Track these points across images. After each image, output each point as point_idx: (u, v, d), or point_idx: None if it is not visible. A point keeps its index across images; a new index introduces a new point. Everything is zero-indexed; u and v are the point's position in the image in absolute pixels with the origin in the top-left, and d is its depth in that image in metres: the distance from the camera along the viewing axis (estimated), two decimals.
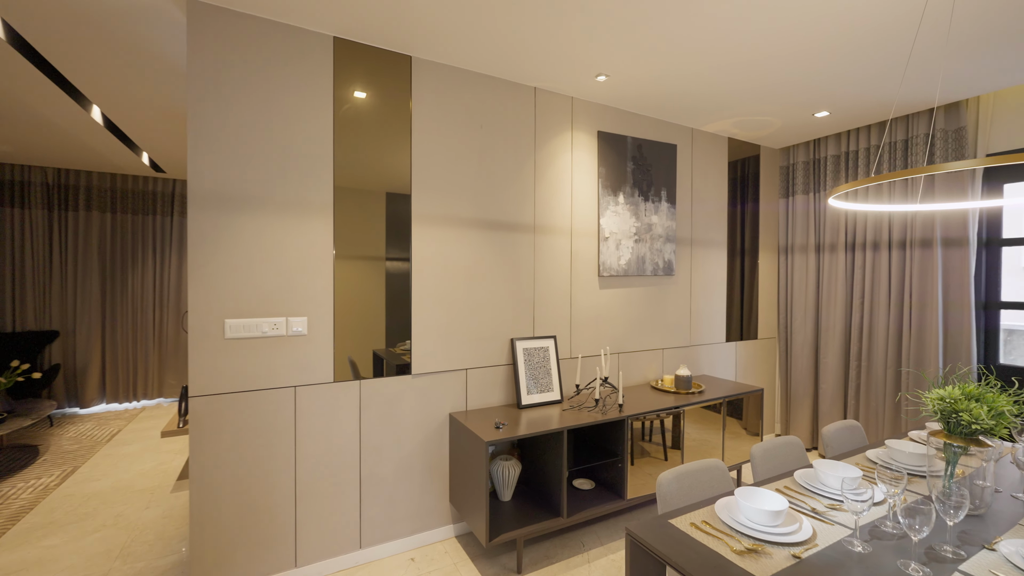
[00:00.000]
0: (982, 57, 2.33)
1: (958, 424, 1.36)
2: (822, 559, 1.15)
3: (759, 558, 1.14)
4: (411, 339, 2.34)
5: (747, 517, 1.28)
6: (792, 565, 1.12)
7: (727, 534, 1.25)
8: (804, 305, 3.73)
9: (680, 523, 1.32)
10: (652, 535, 1.25)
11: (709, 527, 1.29)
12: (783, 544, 1.19)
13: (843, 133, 3.46)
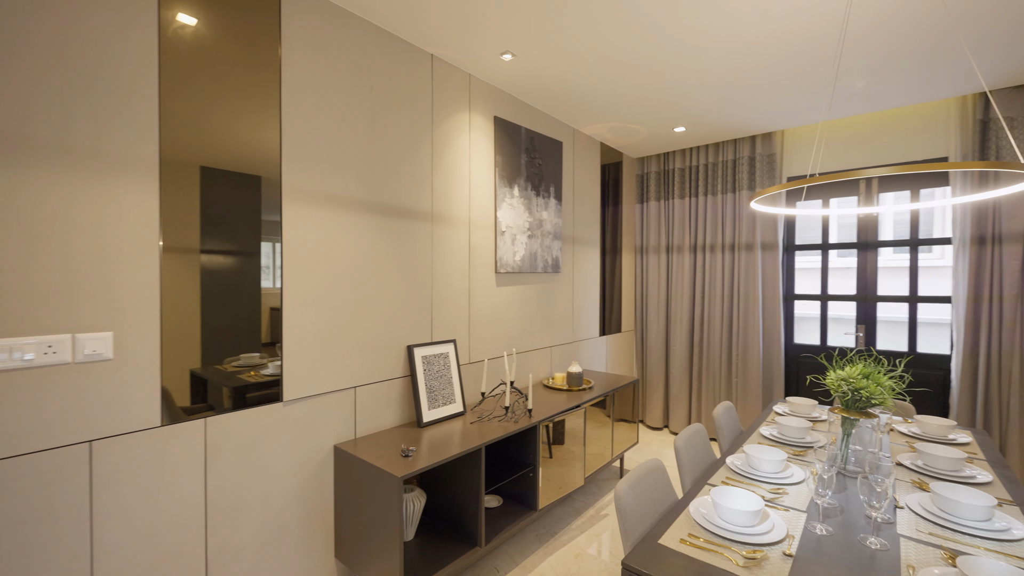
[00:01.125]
0: (782, 100, 2.87)
1: (856, 400, 1.56)
2: (808, 551, 1.15)
3: (762, 564, 1.09)
4: (282, 355, 1.76)
5: (728, 520, 1.23)
6: (793, 565, 1.09)
7: (719, 544, 1.17)
8: (657, 300, 4.17)
9: (670, 542, 1.20)
10: (654, 566, 1.10)
11: (699, 539, 1.19)
12: (772, 544, 1.17)
13: (687, 149, 3.97)
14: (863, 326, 3.41)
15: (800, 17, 2.01)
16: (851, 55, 2.35)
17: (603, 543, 2.39)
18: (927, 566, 1.08)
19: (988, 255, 2.81)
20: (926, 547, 1.16)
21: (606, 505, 2.77)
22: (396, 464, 1.73)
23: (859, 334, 3.42)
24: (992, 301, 2.80)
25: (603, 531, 2.49)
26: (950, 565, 1.08)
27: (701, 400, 3.92)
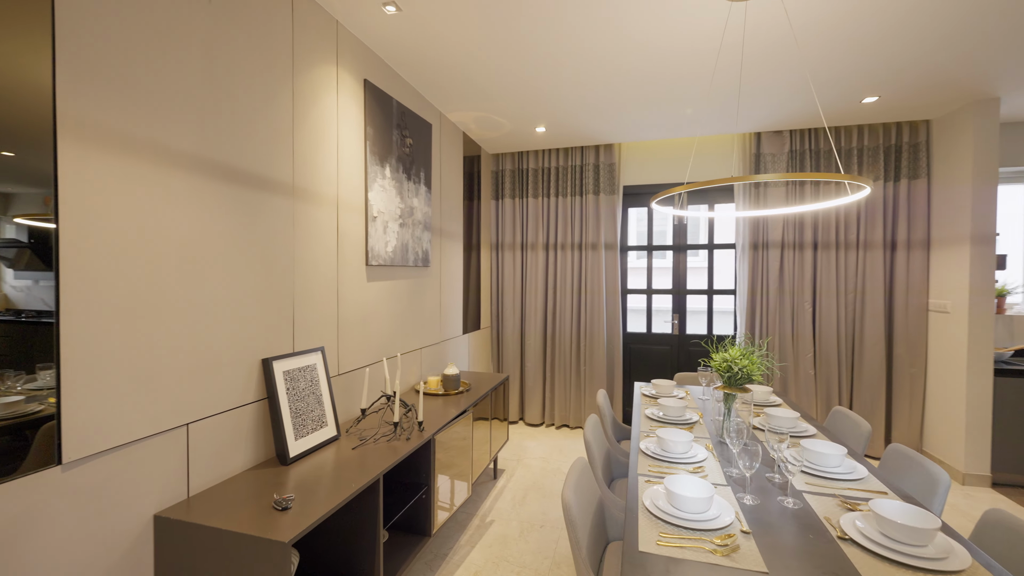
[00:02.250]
0: (628, 116, 3.25)
1: (737, 377, 1.79)
2: (757, 524, 1.23)
3: (735, 548, 1.11)
4: (59, 392, 1.09)
5: (688, 509, 1.23)
6: (757, 541, 1.14)
7: (691, 537, 1.16)
8: (512, 296, 4.24)
9: (648, 547, 1.13)
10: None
11: (671, 537, 1.16)
12: (728, 525, 1.21)
13: (541, 151, 4.13)
14: (677, 315, 4.10)
15: (669, 52, 2.23)
16: (685, 89, 2.74)
17: (501, 557, 2.25)
18: (837, 515, 1.27)
19: (760, 258, 3.68)
20: (823, 498, 1.38)
21: (488, 512, 2.64)
22: (271, 523, 1.26)
23: (674, 321, 4.10)
24: (762, 293, 3.68)
25: (494, 542, 2.35)
26: (848, 509, 1.30)
27: (554, 390, 4.14)
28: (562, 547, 2.29)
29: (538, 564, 2.16)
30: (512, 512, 2.63)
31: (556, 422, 4.11)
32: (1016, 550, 1.15)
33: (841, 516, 1.24)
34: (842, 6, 1.95)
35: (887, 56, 2.39)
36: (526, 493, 2.86)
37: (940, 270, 3.27)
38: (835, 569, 1.03)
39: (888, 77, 2.64)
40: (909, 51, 2.34)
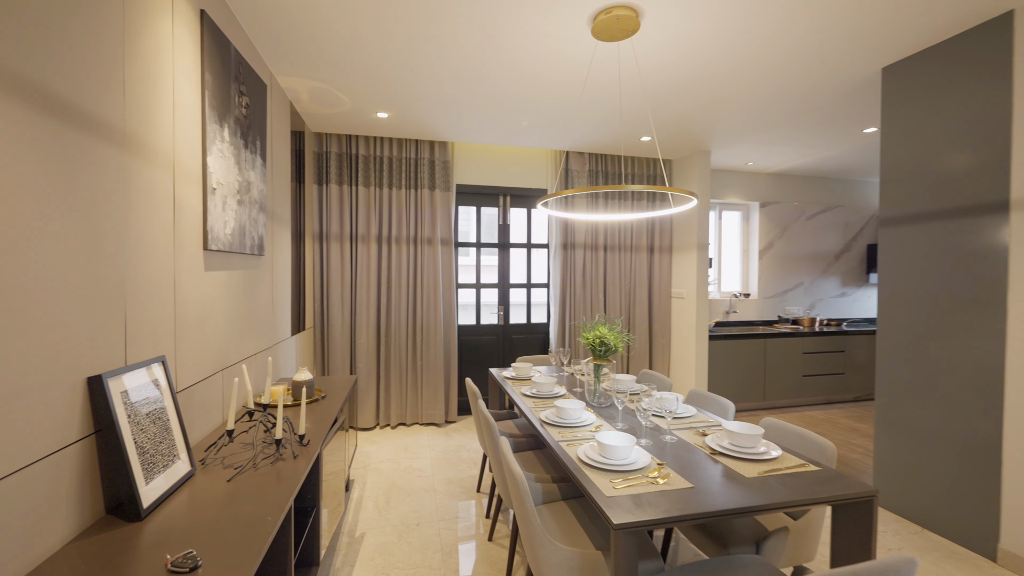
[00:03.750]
0: (462, 116, 3.48)
1: (604, 350, 2.17)
2: (662, 457, 1.56)
3: (667, 475, 1.40)
4: None
5: (621, 457, 1.48)
6: (674, 469, 1.46)
7: (635, 478, 1.40)
8: (341, 292, 3.87)
9: (611, 492, 1.31)
10: (639, 512, 1.19)
11: (620, 481, 1.37)
12: (650, 463, 1.50)
13: (373, 138, 3.90)
14: (502, 307, 4.50)
15: (529, 69, 2.50)
16: (529, 104, 3.10)
17: (389, 566, 2.10)
18: (699, 440, 1.72)
19: (568, 256, 4.39)
20: (684, 431, 1.83)
21: (354, 526, 2.41)
22: None
23: (500, 312, 4.49)
24: (570, 286, 4.39)
25: (374, 554, 2.18)
26: (703, 435, 1.77)
27: (390, 389, 3.97)
28: (446, 537, 2.29)
29: (430, 560, 2.11)
30: (381, 519, 2.46)
31: (392, 422, 3.96)
32: (786, 438, 1.80)
33: (704, 439, 1.70)
34: (648, 72, 2.58)
35: (661, 111, 3.24)
36: (388, 497, 2.71)
37: (679, 269, 4.57)
38: (720, 470, 1.43)
39: (658, 125, 3.57)
40: (673, 112, 3.23)
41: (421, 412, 4.03)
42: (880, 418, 2.64)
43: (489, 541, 2.27)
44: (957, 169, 2.28)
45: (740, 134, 3.82)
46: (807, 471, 1.46)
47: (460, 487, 2.84)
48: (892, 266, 2.59)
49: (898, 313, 2.55)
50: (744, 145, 4.14)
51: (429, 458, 3.31)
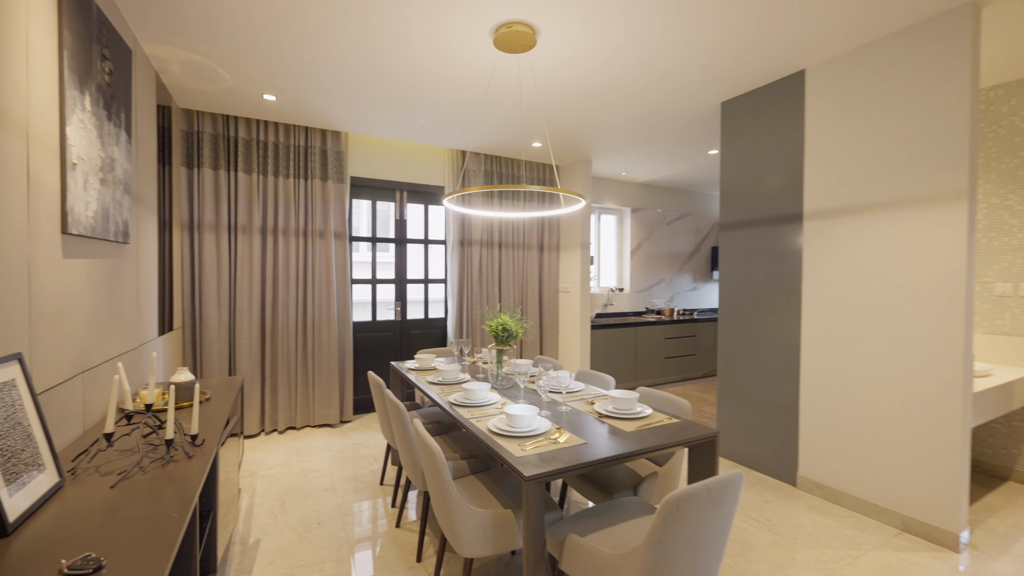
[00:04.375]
0: (359, 107, 3.46)
1: (506, 336, 2.36)
2: (559, 422, 1.79)
3: (565, 434, 1.62)
4: None
5: (529, 424, 1.67)
6: (568, 430, 1.69)
7: (541, 438, 1.60)
8: (217, 287, 3.51)
9: (520, 454, 1.49)
10: (549, 463, 1.38)
11: (530, 442, 1.56)
12: (550, 428, 1.72)
13: (255, 120, 3.61)
14: (399, 303, 4.48)
15: (431, 67, 2.59)
16: (431, 101, 3.19)
17: (294, 564, 2.03)
18: (589, 408, 2.00)
19: (465, 253, 4.54)
20: (576, 402, 2.10)
21: (247, 533, 2.26)
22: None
23: (397, 308, 4.47)
24: (467, 282, 4.55)
25: (274, 557, 2.09)
26: (591, 403, 2.06)
27: (277, 391, 3.71)
28: (352, 531, 2.28)
29: (338, 552, 2.10)
30: (277, 523, 2.35)
31: (280, 426, 3.71)
32: (654, 401, 2.17)
33: (592, 407, 1.98)
34: (543, 84, 2.86)
35: (553, 121, 3.57)
36: (283, 501, 2.58)
37: (565, 266, 5.01)
38: (606, 428, 1.70)
39: (549, 134, 3.91)
40: (562, 122, 3.59)
41: (313, 413, 3.84)
42: (721, 387, 3.27)
43: (397, 527, 2.31)
44: (772, 187, 2.94)
45: (616, 147, 4.35)
46: (671, 423, 1.80)
47: (362, 483, 2.82)
48: (729, 264, 3.22)
49: (733, 302, 3.19)
50: (619, 157, 4.70)
51: (325, 459, 3.19)
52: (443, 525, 1.62)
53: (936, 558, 2.07)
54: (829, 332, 2.61)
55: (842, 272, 2.56)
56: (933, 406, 2.19)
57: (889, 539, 2.23)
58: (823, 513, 2.46)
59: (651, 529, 1.20)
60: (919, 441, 2.24)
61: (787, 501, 2.60)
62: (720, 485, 1.24)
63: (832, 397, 2.59)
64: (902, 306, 2.31)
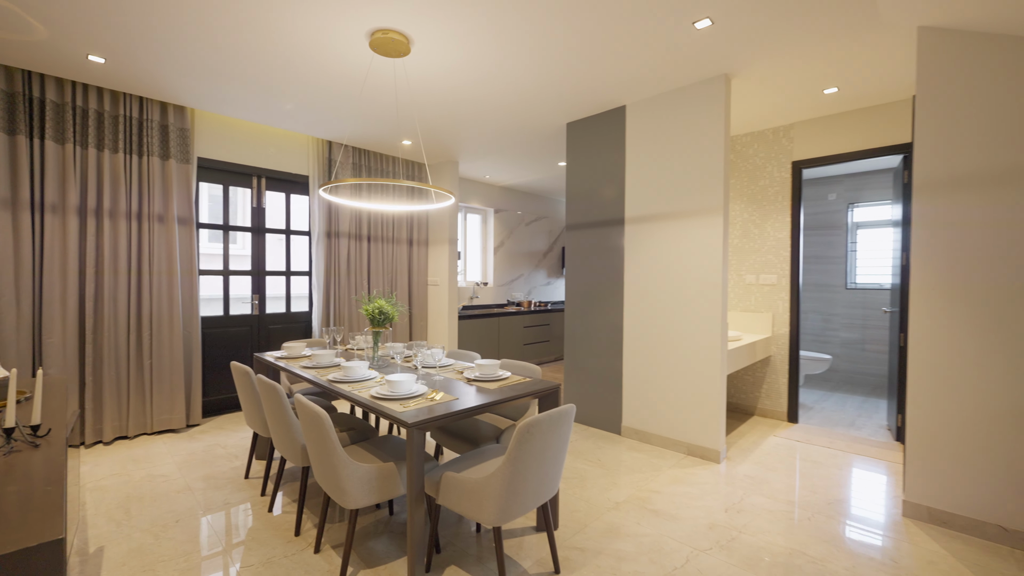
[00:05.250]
0: (210, 83, 3.30)
1: (383, 318, 2.55)
2: (433, 386, 2.07)
3: (440, 392, 1.90)
4: None
5: (404, 389, 1.91)
6: (440, 390, 1.98)
7: (418, 402, 1.85)
8: (16, 277, 2.94)
9: (399, 408, 1.73)
10: (416, 418, 1.64)
11: (410, 403, 1.81)
12: (427, 391, 1.98)
13: (69, 81, 3.09)
14: (257, 296, 4.23)
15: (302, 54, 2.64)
16: (293, 87, 3.17)
17: (154, 561, 1.93)
18: (458, 376, 2.32)
19: (333, 245, 4.49)
20: (445, 372, 2.40)
21: (85, 544, 2.05)
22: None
23: (255, 302, 4.21)
24: (335, 275, 4.51)
25: (126, 559, 1.96)
26: (460, 373, 2.38)
27: (103, 397, 3.23)
28: (218, 523, 2.23)
29: (206, 542, 2.05)
30: (124, 528, 2.17)
31: (107, 436, 3.24)
32: (512, 367, 2.59)
33: (462, 375, 2.31)
34: (417, 88, 3.10)
35: (424, 122, 3.82)
36: (126, 508, 2.36)
37: (434, 260, 5.27)
38: (474, 389, 2.05)
39: (422, 131, 4.14)
40: (433, 124, 3.86)
41: (151, 420, 3.43)
42: (567, 364, 3.90)
43: (270, 512, 2.32)
44: (605, 197, 3.63)
45: (481, 152, 4.77)
46: (525, 382, 2.22)
47: (224, 479, 2.70)
48: (573, 259, 3.86)
49: (576, 292, 3.84)
50: (484, 161, 5.14)
51: (173, 463, 2.93)
52: (328, 486, 1.77)
53: (706, 468, 2.89)
54: (642, 313, 3.37)
55: (650, 265, 3.33)
56: (703, 362, 3.04)
57: (679, 460, 3.01)
58: (638, 450, 3.19)
59: (509, 450, 1.56)
60: (695, 389, 3.08)
61: (613, 445, 3.28)
62: (558, 413, 1.67)
63: (645, 363, 3.36)
64: (685, 290, 3.13)
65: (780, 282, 3.91)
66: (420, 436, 1.65)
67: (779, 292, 3.92)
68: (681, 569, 1.89)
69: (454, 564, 1.91)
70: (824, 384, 5.25)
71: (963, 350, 2.16)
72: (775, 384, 3.94)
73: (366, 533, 2.14)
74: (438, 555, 1.98)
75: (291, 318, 4.42)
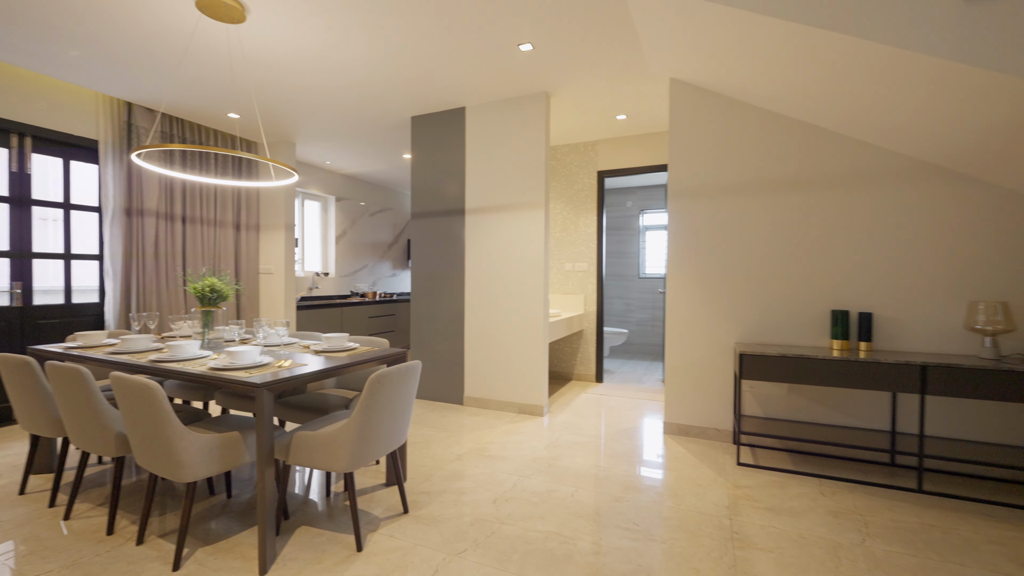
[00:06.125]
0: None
1: (215, 297, 2.41)
2: (276, 357, 2.08)
3: (287, 359, 1.95)
4: None
5: (248, 359, 1.91)
6: (286, 360, 2.03)
7: (262, 370, 1.87)
8: None
9: (246, 376, 1.74)
10: (266, 379, 1.70)
11: (255, 371, 1.82)
12: (273, 360, 2.00)
13: None
14: (20, 284, 3.40)
15: None
16: (81, 31, 2.72)
17: None
18: (300, 347, 2.36)
19: (135, 224, 3.86)
20: (293, 348, 2.41)
21: None
22: None
23: (17, 291, 3.38)
24: (139, 258, 3.88)
25: None
26: (305, 348, 2.41)
27: None
28: None
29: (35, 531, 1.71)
30: None
31: None
32: (366, 343, 2.71)
33: (309, 350, 2.35)
34: (252, 59, 2.96)
35: (259, 96, 3.60)
36: None
37: (267, 247, 4.90)
38: (323, 358, 2.14)
39: (250, 108, 3.86)
40: (268, 100, 3.67)
41: None
42: (414, 347, 4.11)
43: (66, 520, 2.02)
44: (448, 188, 3.95)
45: (322, 136, 4.63)
46: (374, 351, 2.39)
47: None
48: (420, 247, 4.09)
49: (422, 278, 4.07)
50: (325, 145, 4.98)
51: None
52: (159, 464, 1.68)
53: (533, 421, 3.44)
54: (482, 294, 3.79)
55: (488, 252, 3.77)
56: (530, 334, 3.60)
57: (512, 418, 3.51)
58: (478, 415, 3.59)
59: (361, 399, 1.74)
60: (524, 357, 3.62)
61: (456, 414, 3.63)
62: (406, 367, 1.91)
63: (484, 339, 3.78)
64: (516, 274, 3.65)
65: (590, 269, 4.78)
66: (270, 398, 1.70)
67: (589, 278, 4.79)
68: (510, 491, 2.30)
69: (305, 525, 1.99)
70: (624, 354, 6.51)
71: (696, 313, 3.08)
72: (587, 353, 4.80)
73: (202, 517, 2.05)
74: (287, 520, 2.02)
75: (73, 311, 3.66)
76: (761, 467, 2.61)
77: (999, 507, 2.16)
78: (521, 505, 2.16)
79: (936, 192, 2.55)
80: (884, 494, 2.29)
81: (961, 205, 2.51)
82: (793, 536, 1.91)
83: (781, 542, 1.86)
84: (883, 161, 2.65)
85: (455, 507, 2.14)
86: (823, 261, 2.77)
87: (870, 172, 2.68)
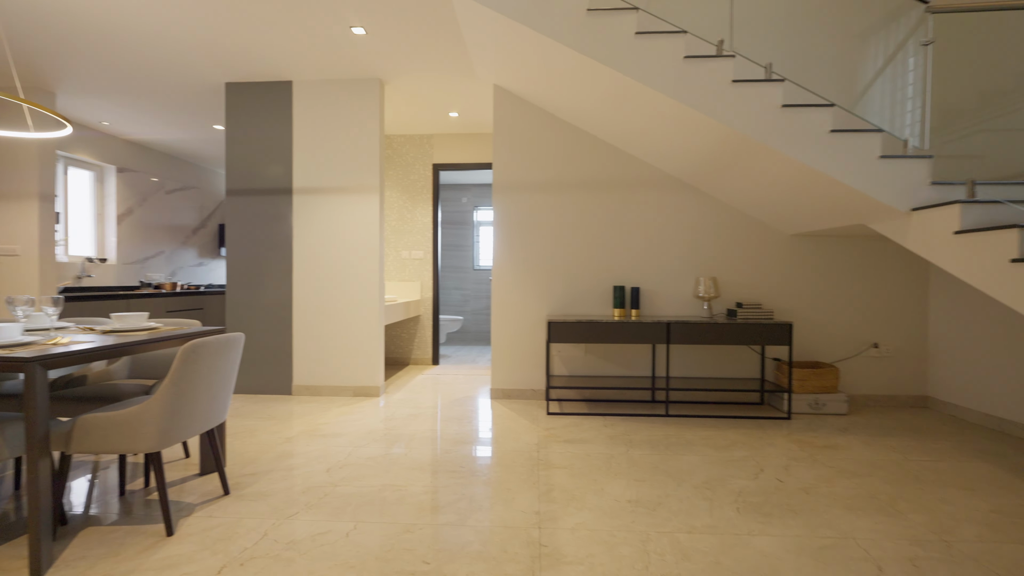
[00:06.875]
0: None
1: None
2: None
3: (63, 343, 1.67)
4: None
5: (11, 335, 1.59)
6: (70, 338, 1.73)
7: (38, 345, 1.58)
8: None
9: (5, 352, 1.46)
10: (36, 355, 1.45)
11: (32, 346, 1.53)
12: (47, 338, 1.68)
13: None
14: None
15: None
16: None
17: None
18: (92, 329, 2.01)
19: None
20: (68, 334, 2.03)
21: None
22: None
23: None
24: None
25: None
26: (91, 328, 2.06)
27: None
28: None
29: None
30: None
31: None
32: (174, 325, 2.41)
33: (94, 329, 2.02)
34: None
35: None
36: None
37: (8, 220, 3.81)
38: (114, 337, 1.88)
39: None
40: (15, 26, 2.91)
41: None
42: None
43: None
44: (271, 166, 3.68)
45: (96, 88, 3.81)
46: (182, 330, 2.17)
47: None
48: (236, 230, 3.72)
49: (240, 264, 3.71)
50: (100, 101, 4.10)
51: None
52: None
53: (369, 401, 3.48)
54: (313, 279, 3.66)
55: (319, 235, 3.66)
56: (365, 318, 3.63)
57: (348, 401, 3.49)
58: (309, 402, 3.47)
59: (172, 370, 1.62)
60: (359, 340, 3.63)
61: (284, 404, 3.44)
62: (227, 338, 1.83)
63: (315, 326, 3.66)
64: (350, 257, 3.64)
65: (426, 257, 4.98)
66: (43, 375, 1.46)
67: (425, 266, 4.99)
68: (345, 460, 2.36)
69: (92, 525, 1.74)
70: (460, 340, 6.90)
71: (516, 293, 3.56)
72: (423, 339, 4.99)
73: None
74: (63, 526, 1.73)
75: None
76: (565, 414, 3.19)
77: (711, 419, 3.10)
78: (356, 469, 2.25)
79: (679, 198, 3.48)
80: (645, 421, 3.05)
81: (693, 208, 3.48)
82: (582, 455, 2.44)
83: (573, 460, 2.36)
84: (647, 172, 3.49)
85: (285, 481, 2.12)
86: (608, 247, 3.51)
87: (639, 180, 3.50)
